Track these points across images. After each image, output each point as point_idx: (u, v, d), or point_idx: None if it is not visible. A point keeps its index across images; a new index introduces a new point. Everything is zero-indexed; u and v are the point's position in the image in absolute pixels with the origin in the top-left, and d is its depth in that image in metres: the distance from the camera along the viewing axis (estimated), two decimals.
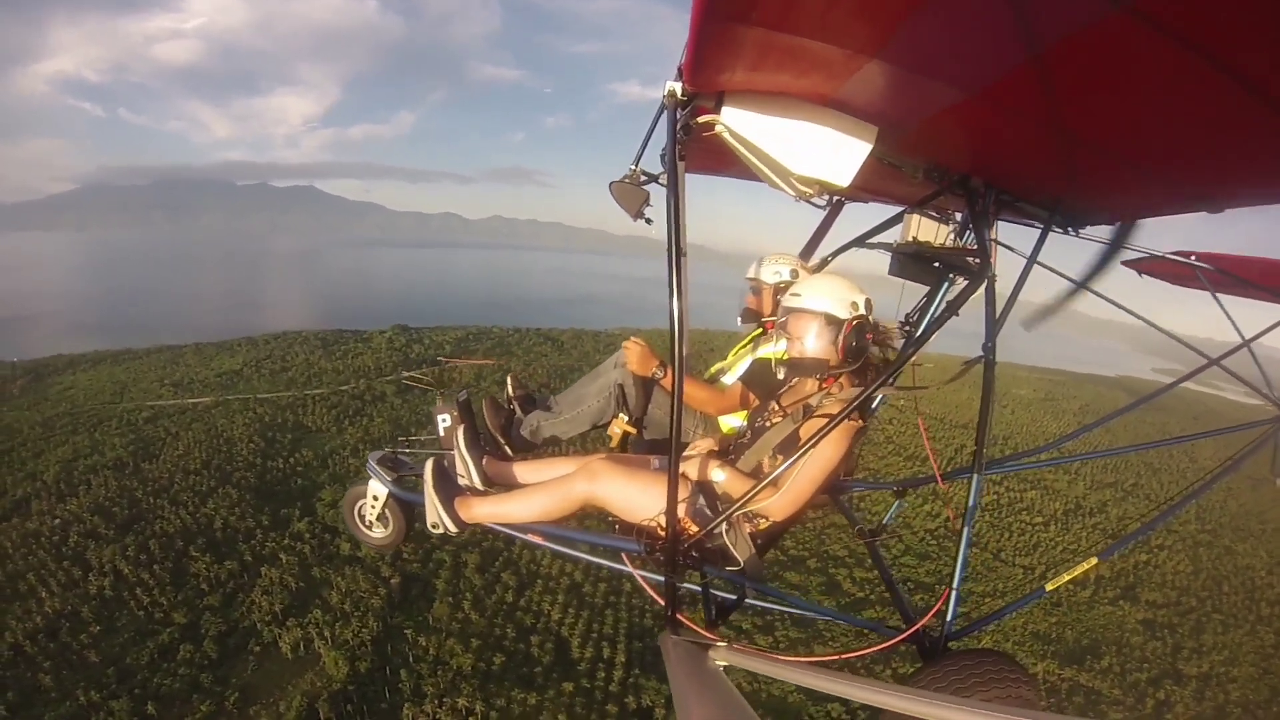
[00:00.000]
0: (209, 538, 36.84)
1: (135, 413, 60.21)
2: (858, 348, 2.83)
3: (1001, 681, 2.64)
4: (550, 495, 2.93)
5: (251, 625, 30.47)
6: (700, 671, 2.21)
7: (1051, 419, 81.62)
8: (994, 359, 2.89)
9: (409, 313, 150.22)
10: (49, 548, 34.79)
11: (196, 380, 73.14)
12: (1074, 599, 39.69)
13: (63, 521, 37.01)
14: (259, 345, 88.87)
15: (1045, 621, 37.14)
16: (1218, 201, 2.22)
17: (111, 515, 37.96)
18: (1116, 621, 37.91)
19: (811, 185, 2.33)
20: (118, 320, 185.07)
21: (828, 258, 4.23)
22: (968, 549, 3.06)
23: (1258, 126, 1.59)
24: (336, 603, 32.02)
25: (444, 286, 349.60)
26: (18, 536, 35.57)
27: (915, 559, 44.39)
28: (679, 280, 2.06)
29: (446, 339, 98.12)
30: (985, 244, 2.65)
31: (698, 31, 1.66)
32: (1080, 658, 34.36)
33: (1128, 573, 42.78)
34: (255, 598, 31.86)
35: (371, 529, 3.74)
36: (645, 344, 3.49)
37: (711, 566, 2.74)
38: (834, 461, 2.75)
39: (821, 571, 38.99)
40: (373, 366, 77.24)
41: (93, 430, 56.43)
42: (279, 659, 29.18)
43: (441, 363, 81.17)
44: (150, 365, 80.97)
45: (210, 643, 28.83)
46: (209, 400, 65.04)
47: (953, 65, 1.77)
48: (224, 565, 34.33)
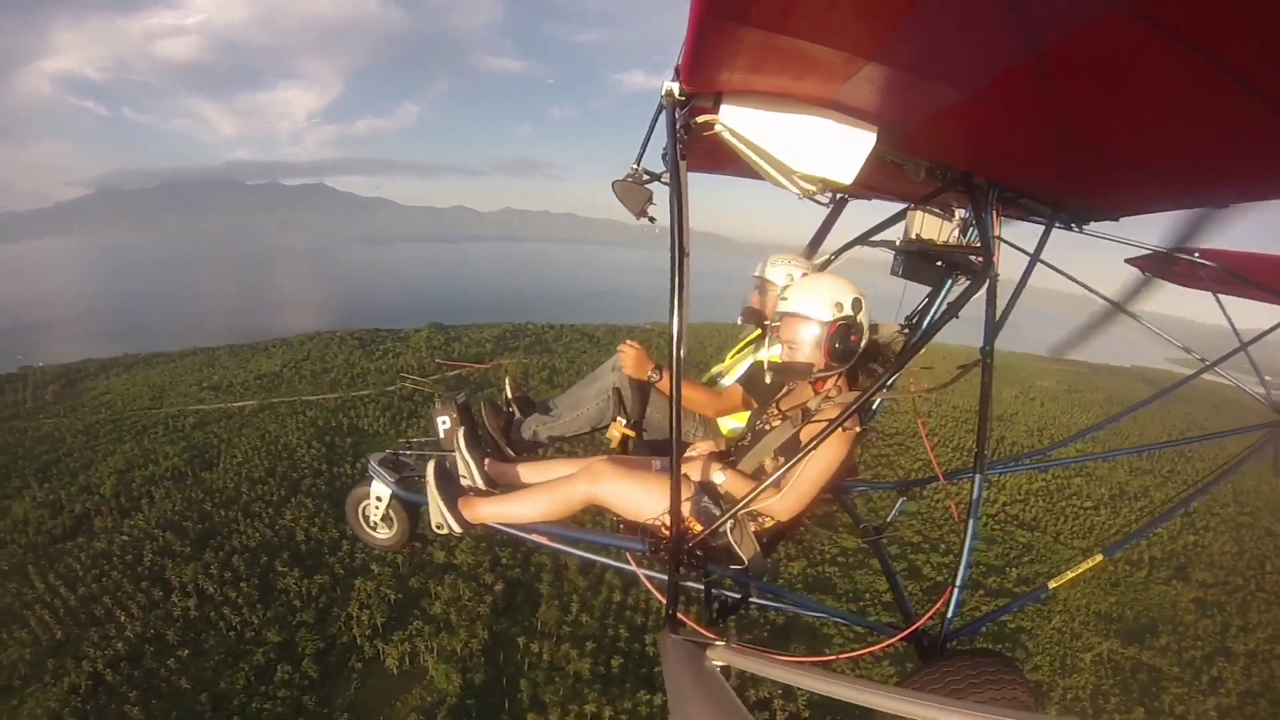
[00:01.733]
0: (292, 551, 34.35)
1: (179, 418, 58.33)
2: (842, 350, 2.88)
3: (998, 683, 2.67)
4: (553, 495, 3.04)
5: (351, 641, 28.44)
6: (697, 671, 2.27)
7: (1080, 410, 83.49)
8: (992, 361, 2.82)
9: (437, 310, 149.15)
10: (122, 568, 32.40)
11: (235, 383, 70.91)
12: (1130, 579, 39.17)
13: (132, 539, 35.05)
14: (294, 346, 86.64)
15: (1105, 601, 37.15)
16: (1220, 199, 2.30)
17: (183, 530, 35.61)
18: (1170, 600, 37.86)
19: (814, 183, 2.41)
20: (139, 323, 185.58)
21: (831, 256, 4.27)
22: (971, 547, 2.99)
23: (1258, 126, 1.61)
24: (439, 613, 30.34)
25: (467, 281, 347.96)
26: (87, 557, 33.32)
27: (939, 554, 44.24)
28: (681, 280, 2.12)
29: (484, 337, 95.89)
30: (988, 241, 2.70)
31: (695, 33, 1.70)
32: (1140, 636, 34.71)
33: (1179, 554, 42.53)
34: (352, 611, 29.82)
35: (376, 530, 3.86)
36: (641, 347, 3.59)
37: (716, 565, 2.84)
38: (834, 464, 2.83)
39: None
40: (415, 366, 75.24)
41: (139, 437, 54.40)
42: (384, 675, 27.33)
43: (442, 367, 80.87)
44: (184, 368, 79.12)
45: (309, 662, 26.64)
46: (253, 404, 63.17)
47: (952, 66, 1.78)
48: (314, 579, 32.11)
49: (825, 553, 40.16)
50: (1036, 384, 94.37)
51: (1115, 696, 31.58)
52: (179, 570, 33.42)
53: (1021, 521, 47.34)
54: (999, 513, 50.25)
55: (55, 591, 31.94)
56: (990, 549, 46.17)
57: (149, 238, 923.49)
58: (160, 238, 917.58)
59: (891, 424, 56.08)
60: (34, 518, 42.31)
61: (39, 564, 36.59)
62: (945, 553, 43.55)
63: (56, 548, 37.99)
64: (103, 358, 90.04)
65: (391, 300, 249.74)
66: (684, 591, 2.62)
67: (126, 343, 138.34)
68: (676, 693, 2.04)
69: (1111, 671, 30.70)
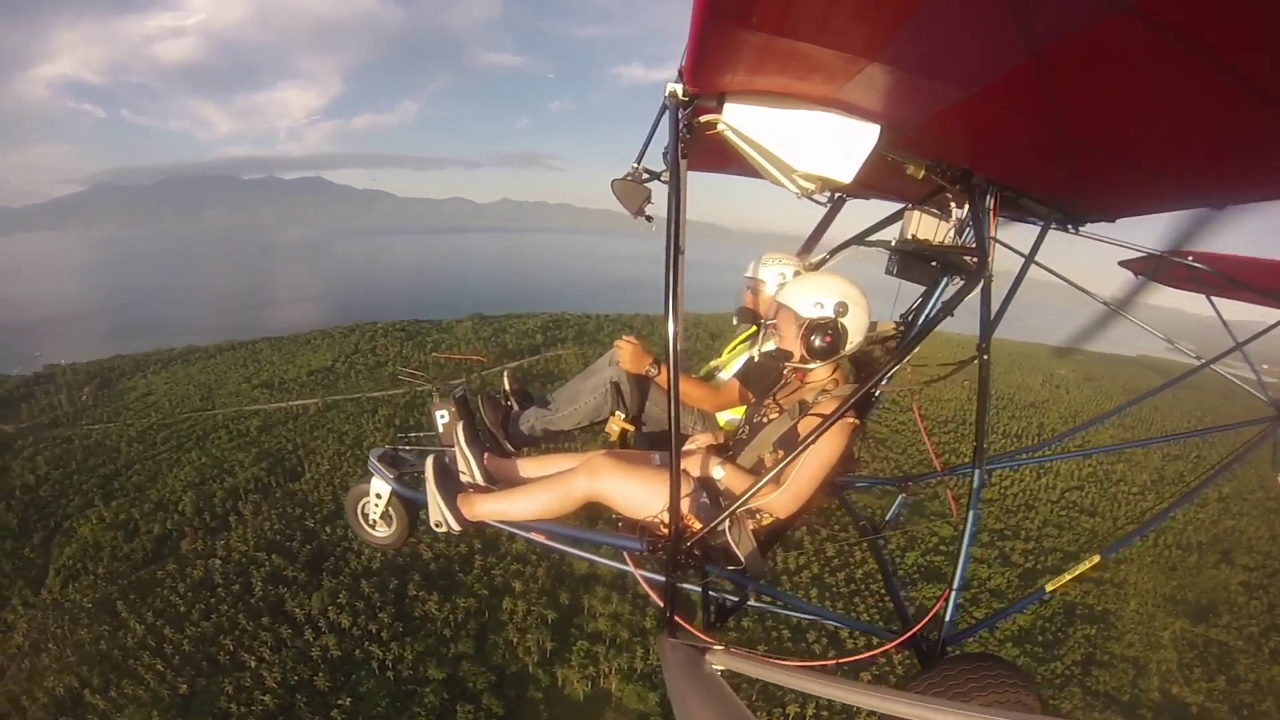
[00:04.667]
0: (422, 571, 30.70)
1: (238, 420, 53.99)
2: (818, 348, 2.87)
3: (999, 687, 2.58)
4: (552, 492, 2.92)
5: (522, 669, 25.13)
6: (698, 676, 2.20)
7: (1103, 398, 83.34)
8: (988, 358, 2.75)
9: (469, 301, 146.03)
10: (231, 600, 28.38)
11: (287, 379, 66.64)
12: (1184, 563, 43.30)
13: (232, 563, 30.78)
14: (336, 339, 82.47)
15: (1168, 585, 40.79)
16: (1220, 200, 2.23)
17: (290, 552, 31.63)
18: (1221, 583, 41.40)
19: (814, 182, 2.36)
20: (145, 318, 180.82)
21: (827, 255, 4.19)
22: (970, 547, 2.94)
23: (1258, 126, 1.59)
24: (605, 630, 27.14)
25: (470, 273, 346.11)
26: (185, 589, 29.11)
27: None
28: (676, 277, 2.09)
29: (529, 327, 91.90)
30: (984, 241, 2.64)
31: (698, 35, 1.68)
32: (1204, 615, 37.76)
33: (1221, 539, 46.49)
34: (510, 637, 26.37)
35: (375, 527, 3.66)
36: (638, 341, 3.48)
37: (713, 565, 2.75)
38: (833, 459, 2.77)
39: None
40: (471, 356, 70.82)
41: (201, 443, 50.07)
42: (568, 703, 24.63)
43: (439, 358, 77.01)
44: (225, 365, 74.91)
45: (489, 697, 23.32)
46: (315, 402, 58.59)
47: (954, 66, 1.77)
48: (455, 602, 28.48)
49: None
50: (1056, 373, 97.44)
51: (1198, 668, 33.39)
52: (300, 600, 29.20)
53: (1082, 507, 48.67)
54: (1060, 499, 52.07)
55: (159, 633, 27.40)
56: (1060, 534, 46.69)
57: (147, 232, 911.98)
58: (158, 232, 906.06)
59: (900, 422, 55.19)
60: (107, 541, 38.10)
61: (128, 598, 32.16)
62: (1027, 539, 43.61)
63: (140, 576, 33.64)
64: (133, 353, 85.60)
65: (433, 289, 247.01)
66: (682, 594, 2.58)
67: (134, 336, 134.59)
68: (678, 699, 1.98)
69: (1188, 647, 34.64)
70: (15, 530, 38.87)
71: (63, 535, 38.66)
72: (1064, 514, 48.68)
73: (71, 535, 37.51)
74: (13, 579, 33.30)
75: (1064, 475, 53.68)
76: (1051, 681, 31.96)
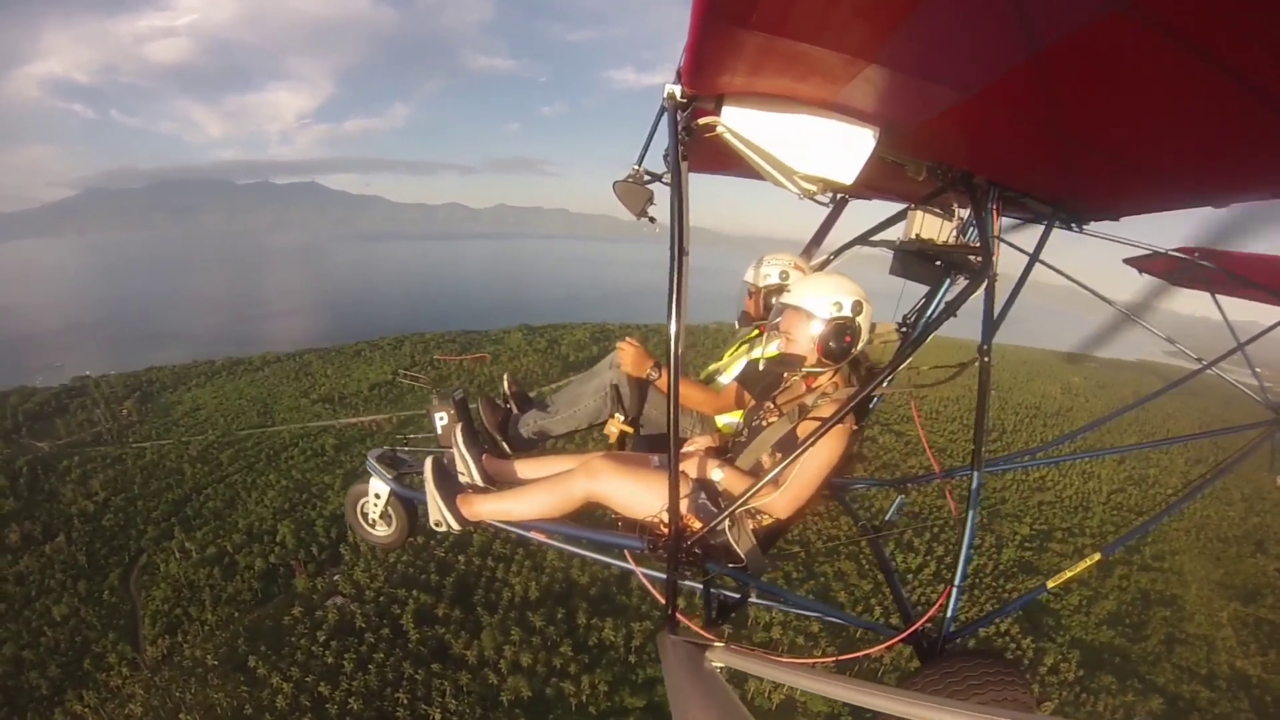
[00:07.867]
0: (583, 595, 28.21)
1: (309, 438, 50.94)
2: (836, 349, 2.82)
3: (998, 684, 2.59)
4: (551, 492, 2.90)
5: None
6: (698, 673, 2.16)
7: (1120, 404, 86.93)
8: (990, 360, 2.76)
9: (468, 310, 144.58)
10: (387, 646, 25.26)
11: (347, 394, 63.72)
12: (1226, 554, 45.68)
13: (367, 602, 27.51)
14: (386, 350, 79.41)
15: (1217, 572, 42.79)
16: (1220, 198, 2.21)
17: (430, 586, 28.40)
18: (1260, 569, 43.59)
19: (815, 183, 2.33)
20: (143, 328, 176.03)
21: (830, 256, 4.16)
22: (970, 546, 2.91)
23: (1258, 126, 1.58)
24: (778, 638, 25.89)
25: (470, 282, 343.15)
26: (327, 637, 25.62)
27: None
28: (680, 280, 2.07)
29: (578, 339, 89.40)
30: (988, 241, 2.62)
31: (696, 36, 1.67)
32: (1253, 598, 39.91)
33: (1251, 533, 48.48)
34: None
35: (375, 527, 3.67)
36: (639, 345, 3.44)
37: (714, 563, 2.74)
38: (832, 461, 2.74)
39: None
40: (539, 370, 68.05)
41: (274, 463, 47.07)
42: (767, 717, 22.48)
43: (439, 360, 75.12)
44: (275, 378, 71.85)
45: None
46: (384, 418, 55.55)
47: (952, 67, 1.75)
48: (629, 625, 26.16)
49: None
50: (1071, 381, 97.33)
51: (1253, 644, 35.38)
52: (466, 640, 25.86)
53: (1129, 508, 48.26)
54: (1108, 500, 52.41)
55: (312, 691, 23.40)
56: (1119, 532, 45.43)
57: (139, 237, 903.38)
58: (151, 237, 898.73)
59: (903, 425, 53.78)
60: (203, 580, 34.21)
61: (258, 649, 27.76)
62: (1087, 535, 43.82)
63: (264, 624, 29.16)
64: (171, 365, 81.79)
65: (470, 296, 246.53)
66: (683, 591, 2.55)
67: (134, 346, 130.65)
68: (677, 695, 1.97)
69: (1242, 625, 36.99)
70: (86, 569, 34.86)
71: (142, 573, 34.97)
72: (1115, 514, 50.20)
73: (154, 573, 33.93)
74: (101, 631, 29.09)
75: (1105, 479, 54.53)
76: (1146, 659, 33.32)
